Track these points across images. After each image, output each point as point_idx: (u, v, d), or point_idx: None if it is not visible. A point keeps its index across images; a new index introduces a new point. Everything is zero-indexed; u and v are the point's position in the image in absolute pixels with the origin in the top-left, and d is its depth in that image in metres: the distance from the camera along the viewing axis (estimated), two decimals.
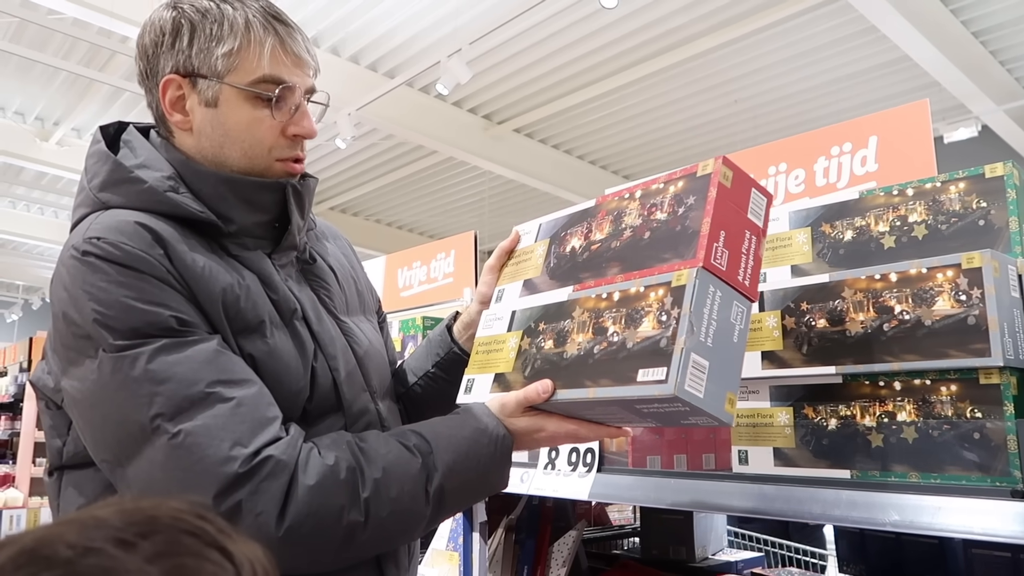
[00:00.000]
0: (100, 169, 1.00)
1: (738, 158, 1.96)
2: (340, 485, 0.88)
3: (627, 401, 0.91)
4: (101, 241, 0.91)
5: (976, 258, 0.96)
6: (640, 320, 0.93)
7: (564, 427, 1.02)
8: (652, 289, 0.94)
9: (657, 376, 0.87)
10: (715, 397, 0.88)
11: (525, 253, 1.22)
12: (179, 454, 0.84)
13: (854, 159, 1.60)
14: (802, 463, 1.10)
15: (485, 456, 0.97)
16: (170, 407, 0.85)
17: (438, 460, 0.94)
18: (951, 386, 0.97)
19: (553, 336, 1.05)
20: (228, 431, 0.86)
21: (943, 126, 6.69)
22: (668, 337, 0.89)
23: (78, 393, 0.91)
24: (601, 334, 0.98)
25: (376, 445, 0.94)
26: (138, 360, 0.87)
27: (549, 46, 6.54)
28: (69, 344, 0.91)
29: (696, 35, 6.31)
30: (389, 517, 0.90)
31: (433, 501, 0.93)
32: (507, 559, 1.76)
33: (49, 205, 10.87)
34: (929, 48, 5.63)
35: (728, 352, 0.91)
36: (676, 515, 1.76)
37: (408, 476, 0.92)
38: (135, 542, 0.47)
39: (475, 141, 7.92)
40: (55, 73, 7.16)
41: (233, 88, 1.00)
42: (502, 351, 1.11)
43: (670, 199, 1.02)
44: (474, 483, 0.99)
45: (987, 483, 0.93)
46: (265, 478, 0.85)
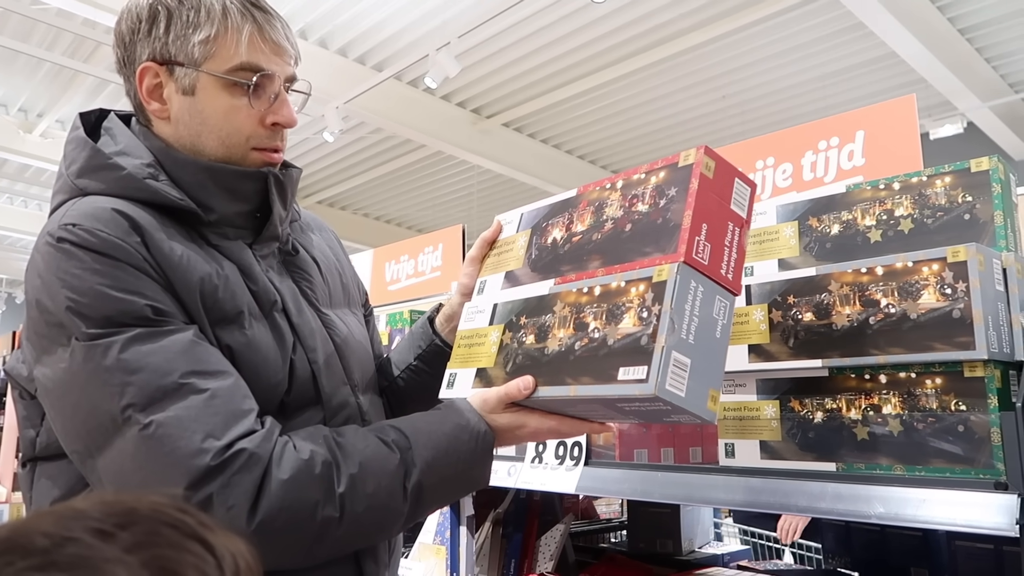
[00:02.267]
0: (78, 155, 0.98)
1: (726, 152, 1.97)
2: (315, 480, 0.86)
3: (608, 400, 0.90)
4: (76, 228, 0.89)
5: (961, 252, 0.97)
6: (621, 316, 0.92)
7: (546, 423, 1.01)
8: (633, 284, 0.93)
9: (638, 375, 0.86)
10: (697, 395, 0.87)
11: (507, 244, 1.20)
12: (150, 445, 0.83)
13: (841, 153, 1.61)
14: (788, 456, 1.10)
15: (465, 452, 0.96)
16: (142, 397, 0.84)
17: (417, 456, 0.93)
18: (936, 379, 0.98)
19: (535, 331, 1.03)
20: (201, 423, 0.84)
21: (929, 123, 6.73)
22: (649, 335, 0.87)
23: (50, 382, 0.89)
24: (582, 330, 0.97)
25: (353, 440, 0.93)
26: (111, 349, 0.85)
27: (538, 40, 6.53)
28: (42, 332, 0.90)
29: (684, 30, 6.31)
30: (365, 513, 0.89)
31: (411, 497, 0.92)
32: (494, 553, 1.76)
33: (33, 198, 10.77)
34: (916, 45, 5.67)
35: (711, 348, 0.90)
36: (663, 508, 1.76)
37: (385, 472, 0.91)
38: (113, 532, 0.46)
39: (463, 135, 7.90)
40: (39, 64, 7.08)
41: (210, 76, 0.98)
42: (484, 345, 1.10)
43: (652, 190, 1.00)
44: (454, 479, 0.97)
45: (971, 475, 0.93)
46: (237, 471, 0.83)
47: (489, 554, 1.76)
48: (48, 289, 0.89)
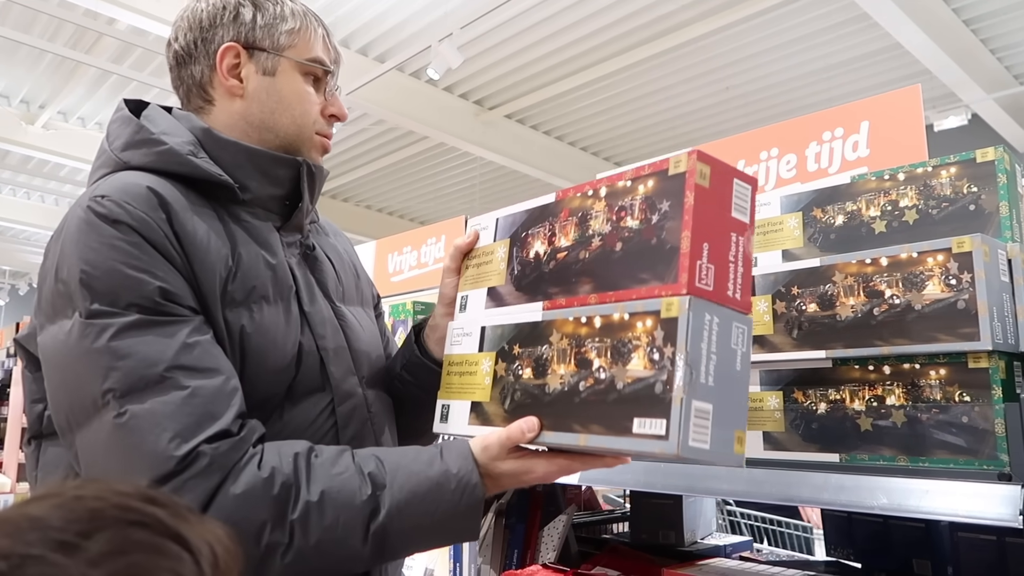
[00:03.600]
0: (122, 131, 1.03)
1: (729, 144, 1.96)
2: (268, 501, 0.83)
3: (623, 453, 0.84)
4: (105, 199, 0.92)
5: (966, 242, 0.97)
6: (629, 356, 0.83)
7: (556, 464, 0.93)
8: (639, 318, 0.83)
9: (656, 430, 0.78)
10: (723, 442, 0.79)
11: (485, 254, 1.12)
12: (121, 434, 0.83)
13: (846, 144, 1.61)
14: (791, 447, 1.10)
15: (447, 503, 0.89)
16: (123, 384, 0.84)
17: (390, 496, 0.88)
18: (940, 370, 0.98)
19: (531, 364, 0.95)
20: (174, 420, 0.83)
21: (933, 114, 6.70)
22: (664, 382, 0.78)
23: (48, 351, 0.91)
24: (586, 367, 0.88)
25: (327, 463, 0.89)
26: (105, 331, 0.86)
27: (541, 31, 6.50)
28: (51, 299, 0.92)
29: (688, 22, 6.29)
30: (317, 546, 0.84)
31: (373, 540, 0.87)
32: (497, 543, 1.77)
33: (35, 189, 10.77)
34: (920, 35, 5.64)
35: (732, 385, 0.81)
36: (665, 500, 1.76)
37: (349, 506, 0.86)
38: (77, 543, 0.42)
39: (466, 127, 7.88)
40: (40, 55, 7.07)
41: (291, 61, 1.09)
42: (476, 375, 1.02)
43: (641, 203, 0.90)
44: (429, 529, 0.90)
45: (974, 466, 0.93)
46: (194, 476, 0.82)
47: (492, 545, 1.76)
48: (66, 258, 0.91)
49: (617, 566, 1.60)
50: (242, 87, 1.08)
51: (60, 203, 11.35)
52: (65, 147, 8.45)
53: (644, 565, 1.56)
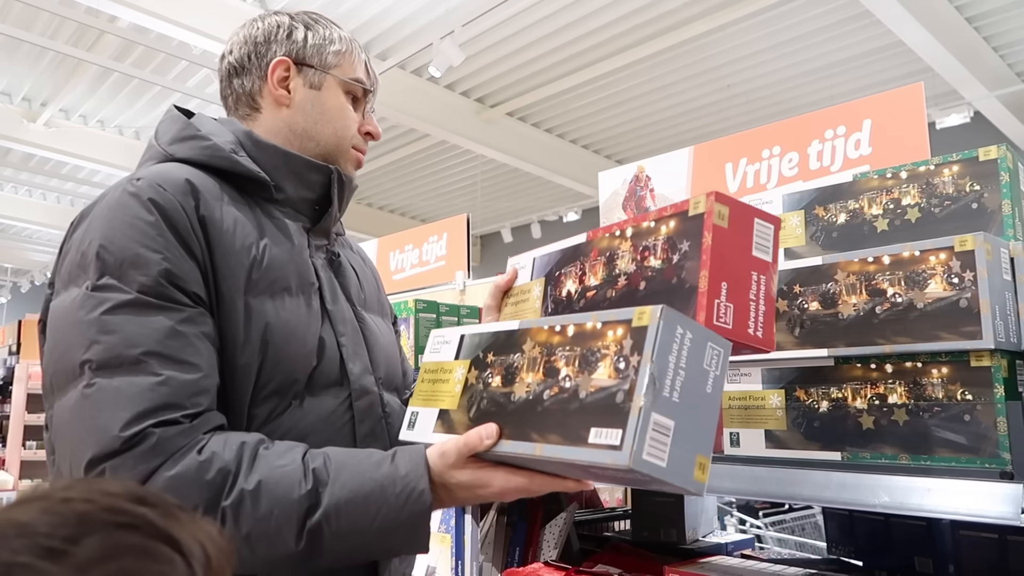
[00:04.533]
0: (170, 128, 1.11)
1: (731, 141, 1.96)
2: (201, 484, 0.83)
3: (577, 464, 0.79)
4: (140, 181, 0.97)
5: (969, 241, 0.97)
6: (596, 365, 0.80)
7: (513, 481, 0.89)
8: (610, 327, 0.81)
9: (611, 440, 0.74)
10: (681, 463, 0.74)
11: (522, 293, 1.16)
12: (84, 405, 0.86)
13: (848, 142, 1.60)
14: (793, 445, 1.10)
15: (388, 508, 0.86)
16: (100, 358, 0.87)
17: (328, 494, 0.86)
18: (942, 368, 0.98)
19: (501, 372, 0.92)
20: (133, 402, 0.85)
21: (935, 112, 6.69)
22: (625, 391, 0.75)
23: (52, 316, 0.95)
24: (553, 376, 0.85)
25: (273, 455, 0.88)
26: (101, 304, 0.89)
27: (542, 29, 6.50)
28: (69, 268, 0.95)
29: (689, 19, 6.28)
30: (247, 537, 0.83)
31: (307, 537, 0.85)
32: (499, 541, 1.77)
33: (37, 187, 10.77)
34: (922, 33, 5.63)
35: (699, 407, 0.77)
36: (667, 498, 1.77)
37: (286, 500, 0.84)
38: (65, 549, 0.41)
39: (467, 124, 7.88)
40: (42, 53, 7.07)
41: (336, 79, 1.18)
42: (448, 383, 1.00)
43: (663, 243, 0.93)
44: (367, 534, 0.87)
45: (976, 465, 0.93)
46: (134, 456, 0.83)
47: (493, 542, 1.76)
48: (90, 231, 0.95)
49: (619, 564, 1.60)
50: (289, 97, 1.16)
51: (62, 200, 11.36)
52: (67, 145, 8.46)
53: (646, 563, 1.56)
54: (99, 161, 8.70)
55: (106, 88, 7.78)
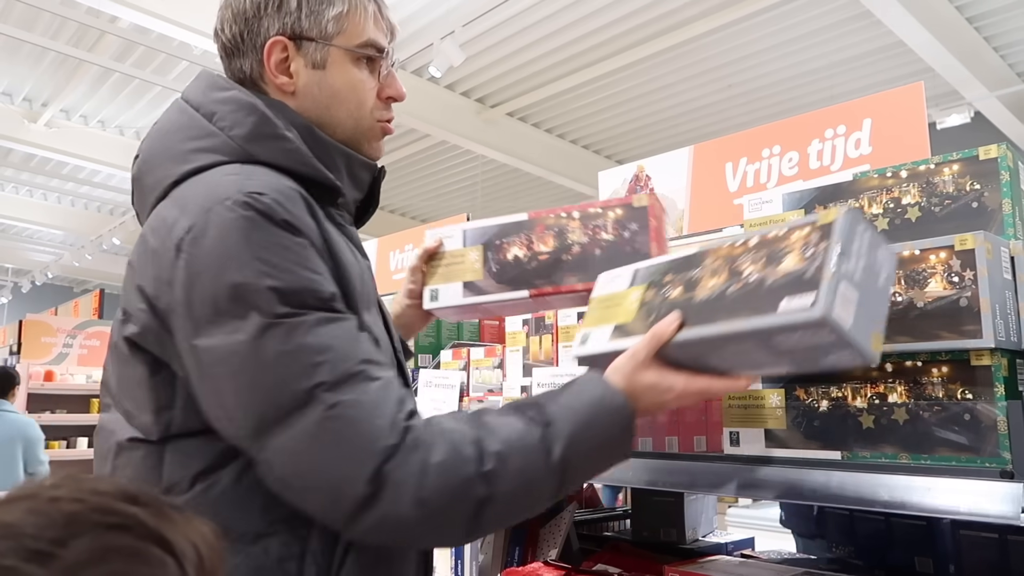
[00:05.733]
0: (243, 119, 0.97)
1: (732, 141, 1.96)
2: (465, 460, 0.86)
3: (765, 333, 0.86)
4: (266, 198, 0.88)
5: (969, 240, 0.96)
6: (781, 258, 0.89)
7: (694, 384, 0.97)
8: (796, 230, 0.90)
9: (803, 303, 0.82)
10: (862, 330, 0.83)
11: (455, 256, 1.29)
12: (335, 426, 0.83)
13: (848, 142, 1.60)
14: (793, 444, 1.10)
15: (602, 429, 0.94)
16: (331, 377, 0.84)
17: (559, 431, 0.91)
18: (942, 367, 0.98)
19: (681, 284, 1.00)
20: (380, 406, 0.86)
21: (936, 112, 6.69)
22: (816, 268, 0.84)
23: (220, 355, 0.85)
24: (736, 276, 0.93)
25: (494, 418, 0.93)
26: (299, 328, 0.85)
27: (543, 29, 6.50)
28: (210, 301, 0.86)
29: (690, 19, 6.28)
30: (514, 491, 0.88)
31: (557, 472, 0.91)
32: (498, 540, 1.77)
33: (38, 187, 10.78)
34: (923, 33, 5.63)
35: (874, 292, 0.86)
36: (667, 497, 1.76)
37: (529, 448, 0.89)
38: (52, 552, 0.39)
39: (468, 125, 7.88)
40: (43, 53, 7.07)
41: (341, 50, 1.03)
42: (623, 304, 1.09)
43: (613, 224, 1.20)
44: (596, 453, 0.95)
45: (976, 464, 0.93)
46: (408, 451, 0.84)
47: (493, 541, 1.76)
48: (234, 259, 0.86)
49: (619, 563, 1.60)
50: (293, 83, 1.03)
51: (62, 201, 11.37)
52: (68, 145, 8.46)
53: (646, 563, 1.56)
54: (100, 161, 8.71)
55: (107, 88, 7.78)
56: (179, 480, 0.90)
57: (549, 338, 1.59)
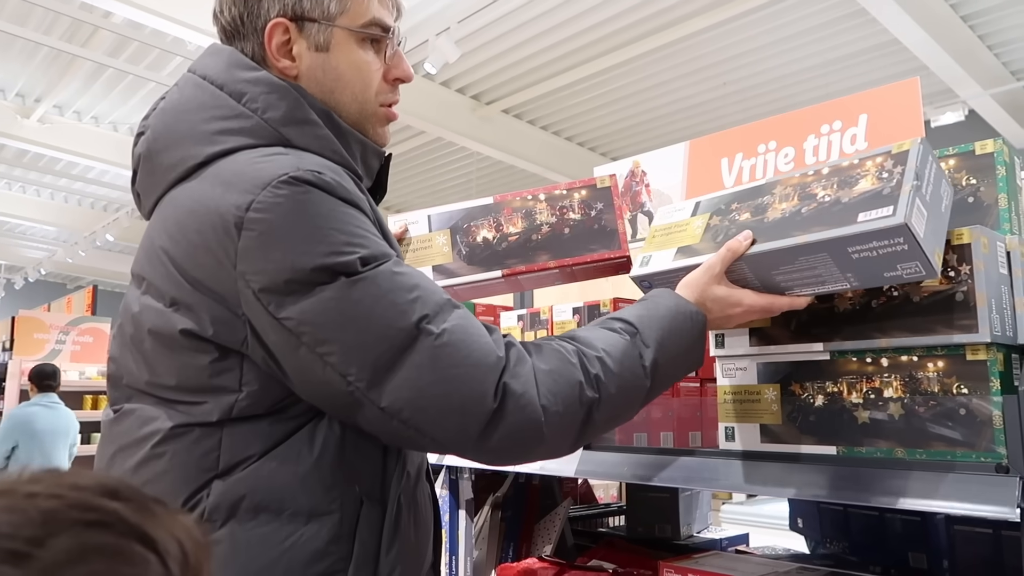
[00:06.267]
0: (276, 102, 0.96)
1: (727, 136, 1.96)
2: (572, 366, 0.91)
3: (843, 241, 0.92)
4: (324, 175, 0.89)
5: (965, 234, 0.96)
6: (856, 181, 0.96)
7: (759, 301, 1.03)
8: (869, 159, 0.97)
9: (883, 213, 0.89)
10: (930, 243, 0.90)
11: (421, 241, 1.33)
12: (447, 352, 0.86)
13: (844, 137, 1.60)
14: (788, 440, 1.10)
15: (685, 332, 1.00)
16: (431, 308, 0.88)
17: (646, 337, 0.97)
18: (938, 362, 0.97)
19: (750, 210, 1.06)
20: (477, 327, 0.90)
21: (931, 110, 6.70)
22: (892, 187, 0.91)
23: (311, 323, 0.85)
24: (810, 199, 0.99)
25: (584, 332, 0.97)
26: (381, 275, 0.87)
27: (539, 26, 6.48)
28: (290, 275, 0.85)
29: (685, 16, 6.27)
30: (618, 393, 0.93)
31: (650, 374, 0.96)
32: (493, 536, 1.76)
33: (31, 183, 10.72)
34: (918, 31, 5.63)
35: (938, 216, 0.94)
36: (661, 493, 1.76)
37: (625, 354, 0.95)
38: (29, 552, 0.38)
39: (463, 121, 7.86)
40: (36, 49, 7.03)
41: (345, 31, 1.01)
42: (686, 230, 1.13)
43: (579, 204, 1.28)
44: (679, 357, 1.00)
45: (972, 459, 0.93)
46: (517, 363, 0.88)
47: (488, 537, 1.76)
48: (308, 232, 0.86)
49: (613, 559, 1.59)
50: (296, 67, 1.00)
51: (56, 197, 11.31)
52: (61, 141, 8.41)
53: (640, 558, 1.56)
54: (94, 158, 8.66)
55: (100, 84, 7.74)
56: (240, 460, 0.89)
57: (544, 333, 1.59)
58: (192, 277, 0.90)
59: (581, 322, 1.46)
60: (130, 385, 0.97)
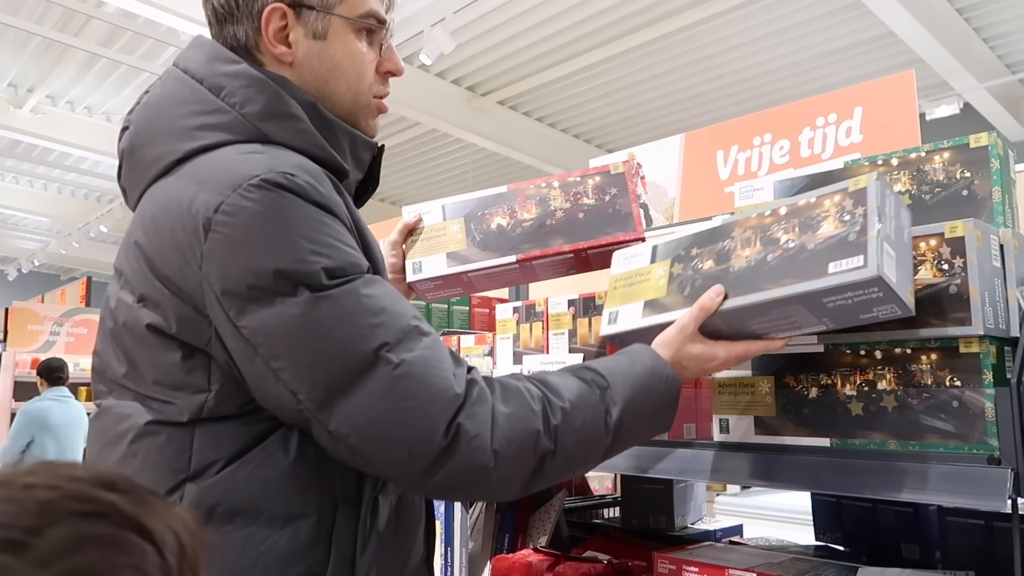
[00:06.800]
0: (255, 96, 0.94)
1: (723, 129, 1.96)
2: (534, 413, 0.88)
3: (817, 294, 0.90)
4: (296, 178, 0.87)
5: (959, 227, 0.97)
6: (818, 224, 0.94)
7: (735, 350, 1.01)
8: (826, 197, 0.95)
9: (854, 263, 0.88)
10: (902, 285, 0.89)
11: (435, 230, 1.33)
12: (403, 384, 0.84)
13: (839, 130, 1.60)
14: (783, 431, 1.11)
15: (655, 395, 0.97)
16: (393, 336, 0.85)
17: (616, 394, 0.94)
18: (931, 355, 0.98)
19: (712, 257, 1.04)
20: (440, 361, 0.87)
21: (926, 103, 6.71)
22: (857, 231, 0.89)
23: (270, 335, 0.83)
24: (772, 245, 0.98)
25: (555, 378, 0.94)
26: (349, 295, 0.85)
27: (534, 17, 6.47)
28: (253, 281, 0.83)
29: (681, 8, 6.26)
30: (575, 447, 0.91)
31: (612, 433, 0.93)
32: (488, 528, 1.77)
33: (24, 174, 10.67)
34: (914, 24, 5.63)
35: (903, 249, 0.93)
36: (656, 485, 1.77)
37: (590, 407, 0.92)
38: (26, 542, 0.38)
39: (459, 113, 7.85)
40: (28, 38, 6.99)
41: (343, 20, 1.00)
42: (648, 280, 1.11)
43: (593, 190, 1.30)
44: (646, 420, 0.98)
45: (964, 451, 0.94)
46: (475, 402, 0.86)
47: (483, 529, 1.76)
48: (274, 237, 0.84)
49: (608, 550, 1.60)
50: (291, 53, 0.99)
51: (49, 188, 11.26)
52: (53, 131, 8.37)
53: (635, 549, 1.57)
54: (87, 148, 8.63)
55: (93, 74, 7.70)
56: (211, 462, 0.88)
57: (539, 325, 1.59)
58: (162, 274, 0.89)
59: (576, 315, 1.46)
60: (111, 379, 0.96)
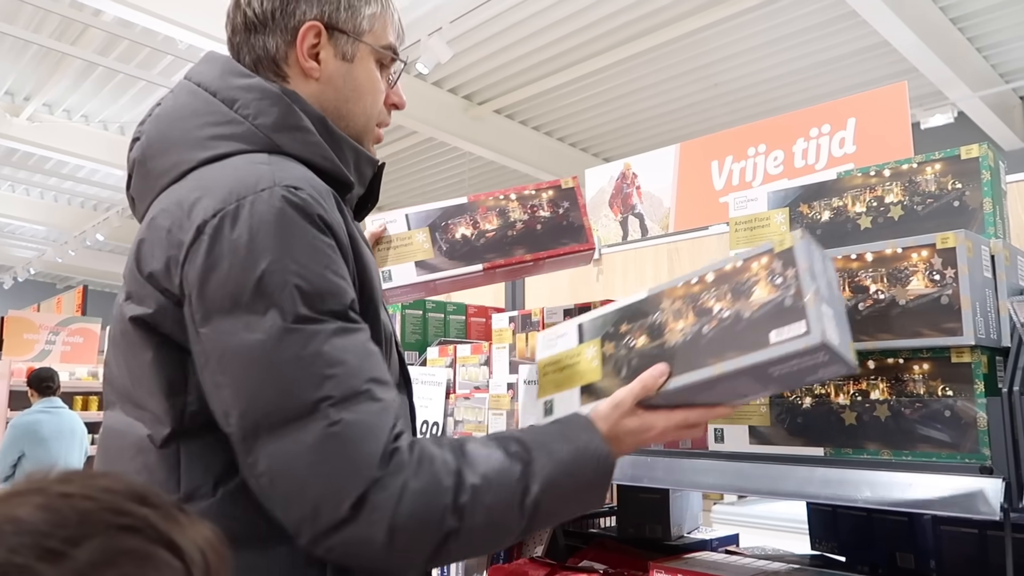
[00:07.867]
0: (268, 108, 0.96)
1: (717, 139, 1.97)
2: (444, 490, 0.84)
3: (762, 366, 0.87)
4: (302, 192, 0.87)
5: (950, 238, 0.97)
6: (750, 291, 0.91)
7: (672, 419, 0.97)
8: (753, 261, 0.92)
9: (796, 331, 0.84)
10: (844, 342, 0.87)
11: (401, 239, 1.41)
12: (333, 443, 0.81)
13: (832, 141, 1.61)
14: (777, 441, 1.11)
15: (582, 475, 0.92)
16: (339, 393, 0.83)
17: (537, 471, 0.89)
18: (923, 365, 0.99)
19: (644, 332, 1.00)
20: (376, 431, 0.84)
21: (920, 112, 6.74)
22: (793, 295, 0.86)
23: (226, 350, 0.84)
24: (706, 315, 0.93)
25: (478, 449, 0.90)
26: (316, 337, 0.83)
27: (531, 26, 6.49)
28: (229, 290, 0.83)
29: (677, 17, 6.29)
30: (482, 526, 0.86)
31: (527, 513, 0.88)
32: None
33: (20, 182, 10.66)
34: (908, 34, 5.66)
35: (838, 304, 0.91)
36: (652, 494, 1.77)
37: (505, 485, 0.88)
38: (64, 551, 0.39)
39: (455, 122, 7.86)
40: (25, 46, 6.99)
41: (369, 47, 1.06)
42: (579, 363, 1.07)
43: (548, 203, 1.44)
44: (571, 500, 0.93)
45: (957, 460, 0.94)
46: (389, 474, 0.83)
47: None
48: (262, 251, 0.84)
49: (604, 560, 1.60)
50: (319, 69, 1.03)
51: (45, 196, 11.24)
52: (50, 140, 8.37)
53: (631, 559, 1.57)
54: (84, 156, 8.62)
55: (91, 83, 7.70)
56: (200, 484, 0.88)
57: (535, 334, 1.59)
58: (147, 271, 0.90)
59: None
60: (119, 388, 0.97)
